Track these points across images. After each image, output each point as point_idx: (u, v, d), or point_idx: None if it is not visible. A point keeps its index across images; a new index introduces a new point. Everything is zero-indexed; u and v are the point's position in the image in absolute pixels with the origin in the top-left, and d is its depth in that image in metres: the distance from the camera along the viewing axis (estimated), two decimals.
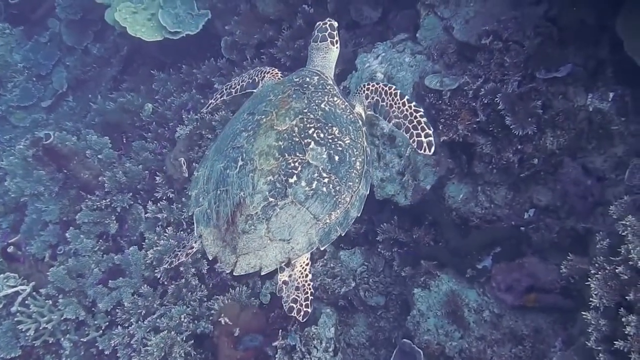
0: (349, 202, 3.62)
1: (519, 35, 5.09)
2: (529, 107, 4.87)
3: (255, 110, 3.85)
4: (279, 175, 3.45)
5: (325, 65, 4.31)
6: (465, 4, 5.54)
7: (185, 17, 7.79)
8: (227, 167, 3.62)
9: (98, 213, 6.78)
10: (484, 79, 5.14)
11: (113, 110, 7.92)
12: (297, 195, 3.44)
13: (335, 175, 3.56)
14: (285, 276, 3.66)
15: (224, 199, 3.55)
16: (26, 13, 10.77)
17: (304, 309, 3.61)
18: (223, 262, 3.54)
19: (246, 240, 3.44)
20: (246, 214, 3.43)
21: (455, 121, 5.19)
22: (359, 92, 4.11)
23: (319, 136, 3.60)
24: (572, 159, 4.96)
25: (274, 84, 4.20)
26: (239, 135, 3.71)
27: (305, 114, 3.68)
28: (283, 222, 3.44)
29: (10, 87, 10.16)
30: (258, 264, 3.47)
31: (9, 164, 7.52)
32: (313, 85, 3.92)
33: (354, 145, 3.73)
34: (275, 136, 3.58)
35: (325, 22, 4.35)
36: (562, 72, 4.90)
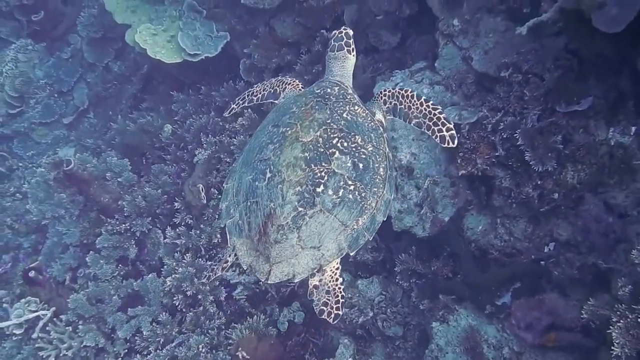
0: (374, 207, 3.69)
1: (539, 68, 5.03)
2: (548, 142, 4.82)
3: (279, 122, 3.91)
4: (306, 186, 3.52)
5: (343, 74, 4.35)
6: (485, 35, 5.48)
7: (204, 39, 7.81)
8: (256, 179, 3.69)
9: (117, 237, 6.84)
10: (503, 112, 5.10)
11: (133, 132, 7.98)
12: (325, 204, 3.51)
13: (360, 182, 3.62)
14: (316, 280, 3.70)
15: (255, 210, 3.62)
16: (48, 29, 10.89)
17: (334, 311, 3.64)
18: (257, 271, 3.58)
19: (279, 250, 3.50)
20: (277, 224, 3.48)
21: (474, 155, 5.15)
22: (377, 99, 4.20)
23: (342, 145, 3.66)
24: (593, 194, 4.90)
25: (295, 95, 4.27)
26: (266, 148, 3.78)
27: (329, 124, 3.74)
28: (313, 230, 3.50)
29: (33, 103, 10.26)
30: (291, 271, 3.53)
31: (31, 187, 7.62)
32: (334, 96, 3.99)
33: (376, 152, 3.80)
34: (301, 147, 3.64)
35: (340, 30, 4.37)
36: (583, 105, 4.83)
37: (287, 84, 4.57)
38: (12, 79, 10.29)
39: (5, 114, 10.20)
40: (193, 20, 7.95)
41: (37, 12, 10.74)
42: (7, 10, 10.97)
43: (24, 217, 8.25)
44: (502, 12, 5.44)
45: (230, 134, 7.22)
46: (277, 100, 4.54)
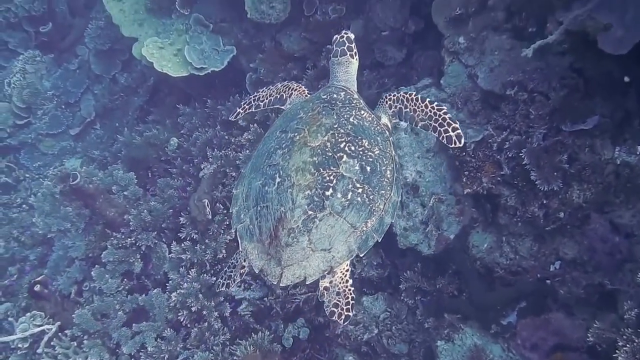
0: (382, 210, 3.77)
1: (544, 86, 5.03)
2: (554, 161, 4.81)
3: (287, 128, 3.97)
4: (316, 189, 3.60)
5: (348, 79, 4.44)
6: (490, 53, 5.48)
7: (210, 53, 7.84)
8: (266, 184, 3.76)
9: (123, 251, 6.84)
10: (508, 131, 5.10)
11: (139, 145, 7.99)
12: (334, 207, 3.59)
13: (368, 185, 3.70)
14: (326, 282, 3.79)
15: (265, 214, 3.69)
16: (56, 41, 10.96)
17: (345, 313, 3.77)
18: (269, 274, 3.66)
19: (290, 253, 3.57)
20: (288, 227, 3.56)
21: (480, 174, 5.15)
22: (382, 103, 4.31)
23: (350, 149, 3.74)
24: (599, 214, 4.88)
25: (302, 101, 4.35)
26: (274, 153, 3.85)
27: (336, 129, 3.81)
28: (323, 233, 3.57)
29: (40, 114, 10.31)
30: (302, 274, 3.60)
31: (37, 200, 7.65)
32: (340, 101, 4.07)
33: (383, 155, 3.87)
34: (310, 152, 3.71)
35: (341, 35, 4.45)
36: (589, 124, 4.83)
37: (293, 89, 4.69)
38: (20, 90, 10.35)
39: (13, 125, 10.24)
40: (200, 34, 7.98)
41: (46, 23, 10.82)
42: (15, 21, 11.04)
43: (30, 229, 8.28)
44: (507, 30, 5.44)
45: (236, 148, 7.22)
46: (284, 106, 4.66)
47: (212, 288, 6.29)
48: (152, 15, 8.51)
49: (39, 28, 10.85)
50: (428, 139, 5.52)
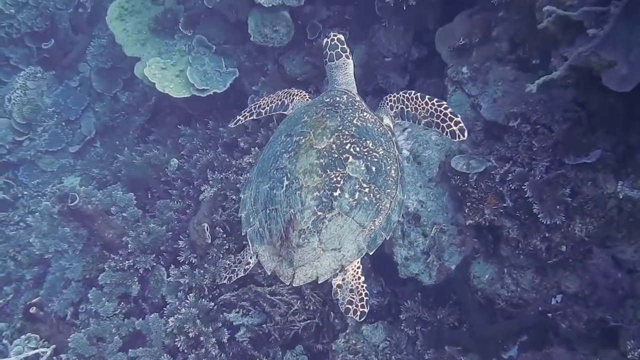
0: (389, 208, 3.84)
1: (548, 119, 5.03)
2: (557, 195, 4.79)
3: (292, 132, 4.04)
4: (324, 191, 3.67)
5: (348, 81, 4.50)
6: (494, 83, 5.48)
7: (213, 75, 7.85)
8: (273, 187, 3.83)
9: (120, 274, 6.79)
10: (511, 162, 5.08)
11: (139, 166, 7.97)
12: (342, 207, 3.65)
13: (374, 184, 3.77)
14: (339, 280, 3.81)
15: (275, 217, 3.75)
16: (58, 57, 10.97)
17: (359, 309, 3.77)
18: (281, 275, 3.72)
19: (301, 253, 3.63)
20: (298, 229, 3.62)
21: (482, 205, 5.12)
22: (384, 105, 4.36)
23: (355, 150, 3.81)
24: (601, 248, 4.85)
25: (305, 106, 4.41)
26: (281, 157, 3.91)
27: (341, 131, 3.89)
28: (333, 233, 3.64)
29: (40, 131, 10.30)
30: (314, 273, 3.67)
31: (35, 220, 7.60)
32: (343, 104, 4.16)
33: (387, 155, 3.95)
34: (316, 154, 3.79)
35: (332, 38, 4.45)
36: (592, 158, 4.81)
37: (294, 95, 4.73)
38: (20, 106, 10.36)
39: (12, 141, 10.21)
40: (202, 56, 8.00)
41: (48, 40, 10.84)
42: (17, 37, 11.05)
43: (26, 248, 8.21)
44: (511, 61, 5.45)
45: (236, 171, 7.19)
46: (286, 111, 4.70)
47: (210, 313, 6.25)
48: (155, 36, 8.54)
49: (41, 44, 10.85)
50: (430, 168, 5.51)
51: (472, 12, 5.76)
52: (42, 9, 10.97)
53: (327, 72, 4.59)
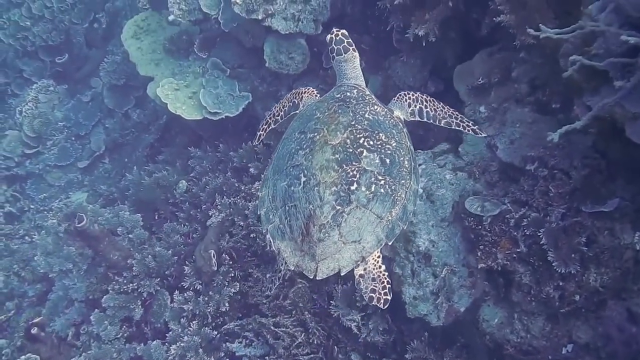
0: (404, 198, 3.99)
1: (566, 164, 4.94)
2: (572, 243, 4.70)
3: (306, 129, 4.14)
4: (341, 185, 3.80)
5: (357, 75, 4.64)
6: (511, 124, 5.41)
7: (225, 98, 7.80)
8: (291, 184, 3.94)
9: (124, 297, 6.71)
10: (527, 207, 4.99)
11: (147, 186, 7.91)
12: (360, 200, 3.80)
13: (389, 176, 3.91)
14: (360, 270, 3.95)
15: (294, 213, 3.87)
16: (71, 71, 11.02)
17: (383, 297, 3.94)
18: (305, 269, 3.83)
19: (323, 247, 3.77)
20: (319, 224, 3.75)
21: (495, 249, 5.03)
22: (400, 100, 4.59)
23: (369, 144, 3.95)
24: (616, 300, 4.74)
25: (316, 102, 4.50)
26: (296, 154, 4.03)
27: (353, 125, 4.01)
28: (352, 225, 3.78)
29: (50, 145, 10.28)
30: (337, 266, 3.81)
31: (41, 238, 7.54)
32: (354, 98, 4.28)
33: (399, 146, 4.10)
34: (331, 150, 3.91)
35: (335, 34, 4.58)
36: (609, 207, 4.71)
37: (302, 93, 4.86)
38: (31, 119, 10.38)
39: (21, 154, 10.20)
40: (216, 78, 7.97)
41: (62, 54, 10.90)
42: (32, 50, 11.09)
43: (30, 264, 8.14)
44: (530, 103, 5.38)
45: (245, 196, 7.12)
46: (298, 110, 4.81)
47: (213, 342, 6.16)
48: (170, 56, 8.54)
49: (55, 58, 10.88)
50: (443, 208, 5.42)
51: (492, 50, 5.71)
52: (58, 22, 11.06)
53: (335, 67, 4.68)
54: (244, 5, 6.84)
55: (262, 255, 6.63)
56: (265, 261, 6.61)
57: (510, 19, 4.93)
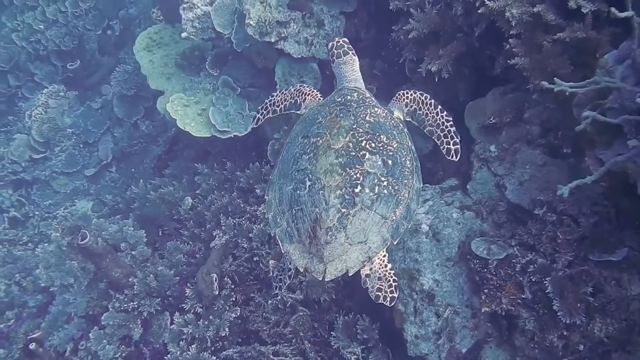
0: (408, 197, 4.06)
1: (575, 210, 4.90)
2: (578, 292, 4.64)
3: (309, 133, 4.23)
4: (345, 188, 3.88)
5: (356, 78, 4.76)
6: (521, 165, 5.36)
7: (235, 117, 7.76)
8: (297, 188, 4.02)
9: (124, 315, 6.67)
10: (533, 252, 4.94)
11: (152, 202, 7.87)
12: (364, 202, 3.88)
13: (391, 177, 3.99)
14: (367, 270, 4.04)
15: (301, 216, 3.96)
16: (82, 78, 11.01)
17: (389, 295, 4.03)
18: (313, 271, 3.91)
19: (330, 250, 3.85)
20: (325, 227, 3.83)
21: (500, 293, 4.97)
22: (399, 100, 4.63)
23: (371, 146, 4.03)
24: (620, 353, 4.67)
25: (318, 106, 4.59)
26: (300, 159, 4.11)
27: (355, 129, 4.10)
28: (357, 227, 3.87)
29: (57, 151, 10.27)
30: (344, 267, 3.89)
31: (43, 252, 7.51)
32: (355, 102, 4.37)
33: (401, 147, 4.18)
34: (334, 154, 4.00)
35: (337, 41, 4.77)
36: (617, 256, 4.66)
37: (306, 94, 4.94)
38: (40, 123, 10.38)
39: (29, 159, 10.19)
40: (226, 96, 7.93)
41: (74, 59, 10.91)
42: (44, 54, 11.10)
43: (32, 274, 8.12)
44: (541, 145, 5.33)
45: (250, 218, 7.08)
46: (299, 110, 4.94)
47: None
48: (181, 71, 8.51)
49: (67, 63, 10.88)
50: (449, 247, 5.37)
51: (504, 90, 5.65)
52: (71, 28, 11.10)
53: (336, 71, 4.80)
54: (257, 27, 6.81)
55: (265, 280, 6.58)
56: (268, 285, 6.57)
57: (525, 62, 4.87)
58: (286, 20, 6.92)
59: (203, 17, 7.73)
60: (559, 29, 4.74)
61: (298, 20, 6.99)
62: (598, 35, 4.59)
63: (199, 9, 7.69)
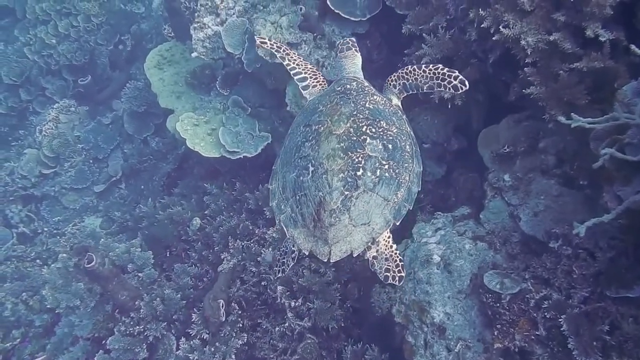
0: (409, 180, 4.21)
1: (591, 244, 4.75)
2: (595, 330, 4.49)
3: (310, 121, 4.38)
4: (348, 172, 4.01)
5: (356, 70, 5.00)
6: (536, 196, 5.22)
7: (245, 137, 7.66)
8: (300, 174, 4.15)
9: (129, 339, 6.56)
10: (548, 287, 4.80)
11: (161, 223, 7.79)
12: (366, 185, 4.00)
13: (392, 160, 4.12)
14: (373, 252, 4.18)
15: (305, 201, 4.08)
16: (93, 92, 10.98)
17: (397, 274, 4.21)
18: (318, 253, 4.03)
19: (334, 232, 3.97)
20: (329, 209, 3.95)
21: (513, 329, 4.82)
22: (388, 87, 4.85)
23: (371, 131, 4.17)
24: None
25: (318, 96, 4.80)
26: (303, 146, 4.25)
27: (355, 115, 4.25)
28: (361, 209, 3.99)
29: (67, 166, 10.23)
30: (349, 248, 4.01)
31: (50, 272, 7.44)
32: (354, 90, 4.54)
33: (400, 132, 4.33)
34: (336, 139, 4.13)
35: (345, 40, 5.15)
36: (635, 293, 4.51)
37: (319, 82, 5.18)
38: (51, 138, 10.36)
39: (39, 174, 10.15)
40: (236, 116, 7.84)
41: (86, 74, 10.89)
42: (56, 68, 11.10)
43: (39, 292, 8.05)
44: (556, 176, 5.19)
45: (259, 240, 6.98)
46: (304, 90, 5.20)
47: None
48: (191, 90, 8.46)
49: (78, 78, 10.87)
50: (461, 280, 5.23)
51: (519, 117, 5.52)
52: (83, 42, 11.12)
53: (336, 65, 5.14)
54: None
55: (272, 305, 6.47)
56: (275, 310, 6.45)
57: (540, 92, 4.75)
58: (297, 42, 6.84)
59: (214, 37, 7.65)
60: (575, 57, 4.63)
61: (309, 42, 6.91)
62: (616, 65, 4.47)
63: (209, 28, 7.61)
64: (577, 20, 4.51)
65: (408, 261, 5.57)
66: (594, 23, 4.40)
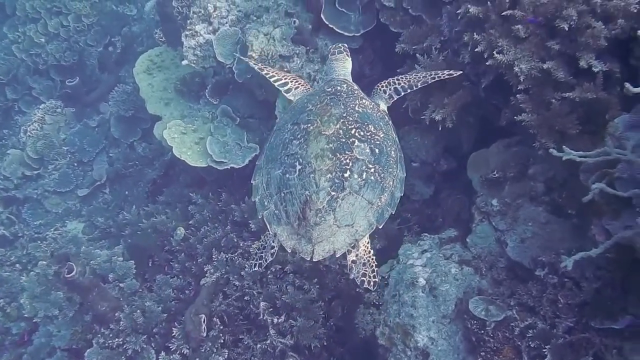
0: (392, 185, 4.30)
1: (577, 273, 4.71)
2: None
3: (299, 120, 4.41)
4: (335, 172, 4.06)
5: (345, 73, 5.12)
6: (523, 222, 5.19)
7: (232, 147, 7.57)
8: (286, 172, 4.18)
9: (108, 352, 6.45)
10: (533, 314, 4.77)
11: (144, 232, 7.68)
12: (353, 187, 4.06)
13: (378, 164, 4.20)
14: (353, 256, 4.20)
15: (290, 199, 4.10)
16: (80, 94, 10.84)
17: (372, 279, 4.24)
18: (302, 252, 4.06)
19: (319, 231, 4.01)
20: (315, 208, 3.99)
21: (497, 357, 4.79)
22: (377, 93, 5.04)
23: (360, 134, 4.24)
24: None
25: (307, 95, 4.87)
26: (290, 144, 4.27)
27: (345, 117, 4.31)
28: (346, 210, 4.04)
29: (51, 169, 10.07)
30: (332, 248, 4.05)
31: (29, 281, 7.30)
32: (345, 92, 4.63)
33: (387, 137, 4.42)
34: (325, 140, 4.18)
35: (338, 45, 5.33)
36: (620, 324, 4.49)
37: (300, 84, 5.25)
38: (35, 140, 10.22)
39: (22, 176, 9.99)
40: (225, 126, 7.77)
41: (74, 75, 10.75)
42: (43, 68, 10.96)
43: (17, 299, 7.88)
44: (545, 203, 5.16)
45: (243, 254, 6.88)
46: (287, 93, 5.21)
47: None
48: (180, 97, 8.37)
49: (66, 79, 10.73)
50: (446, 305, 5.18)
51: (509, 142, 5.51)
52: (73, 43, 10.99)
53: (327, 67, 5.28)
54: (259, 60, 6.66)
55: (255, 320, 6.38)
56: (258, 326, 6.36)
57: (532, 119, 4.72)
58: (289, 55, 6.79)
59: (205, 45, 7.57)
60: (568, 87, 4.61)
61: (302, 55, 6.86)
62: (608, 97, 4.45)
63: (201, 36, 7.54)
64: (571, 50, 4.51)
65: (393, 283, 5.53)
66: (588, 53, 4.38)
